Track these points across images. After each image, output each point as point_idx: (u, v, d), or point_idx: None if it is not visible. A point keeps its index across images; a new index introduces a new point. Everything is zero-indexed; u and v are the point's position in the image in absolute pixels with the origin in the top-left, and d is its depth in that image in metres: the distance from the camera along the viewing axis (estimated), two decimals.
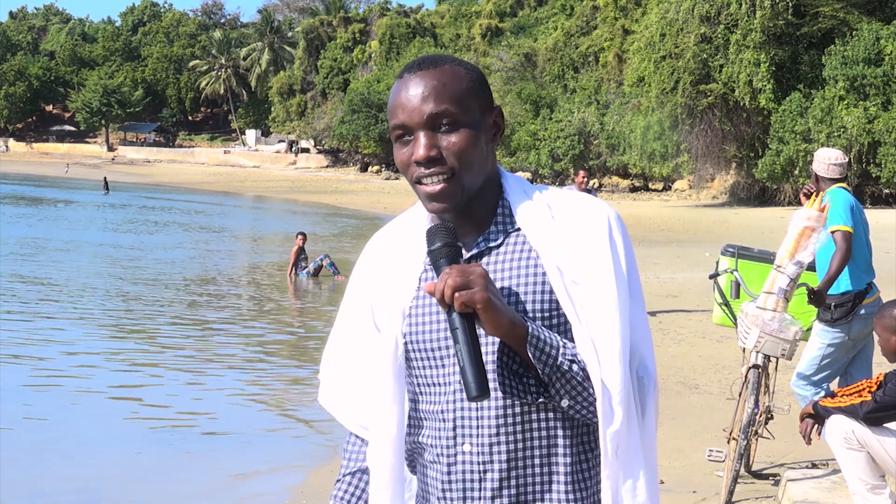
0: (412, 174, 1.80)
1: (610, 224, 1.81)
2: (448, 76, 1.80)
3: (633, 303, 1.80)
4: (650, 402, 1.81)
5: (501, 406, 1.76)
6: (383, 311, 1.87)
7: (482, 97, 1.83)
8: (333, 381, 2.01)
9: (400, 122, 1.80)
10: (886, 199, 34.38)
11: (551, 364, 1.72)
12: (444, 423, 1.80)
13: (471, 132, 1.79)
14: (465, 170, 1.78)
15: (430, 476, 1.84)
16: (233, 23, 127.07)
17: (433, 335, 1.81)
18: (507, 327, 1.70)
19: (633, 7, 50.33)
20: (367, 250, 1.97)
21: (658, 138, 41.49)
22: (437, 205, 1.79)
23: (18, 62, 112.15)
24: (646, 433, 1.80)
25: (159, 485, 6.87)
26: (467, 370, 1.67)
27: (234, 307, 15.84)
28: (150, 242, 26.62)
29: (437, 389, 1.82)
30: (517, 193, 1.86)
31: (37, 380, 10.10)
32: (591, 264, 1.77)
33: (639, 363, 1.81)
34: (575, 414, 1.77)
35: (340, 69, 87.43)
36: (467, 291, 1.66)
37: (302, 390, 9.90)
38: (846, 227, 5.85)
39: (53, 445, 7.78)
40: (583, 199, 1.85)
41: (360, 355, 1.92)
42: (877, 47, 33.47)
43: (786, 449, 6.59)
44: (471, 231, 1.84)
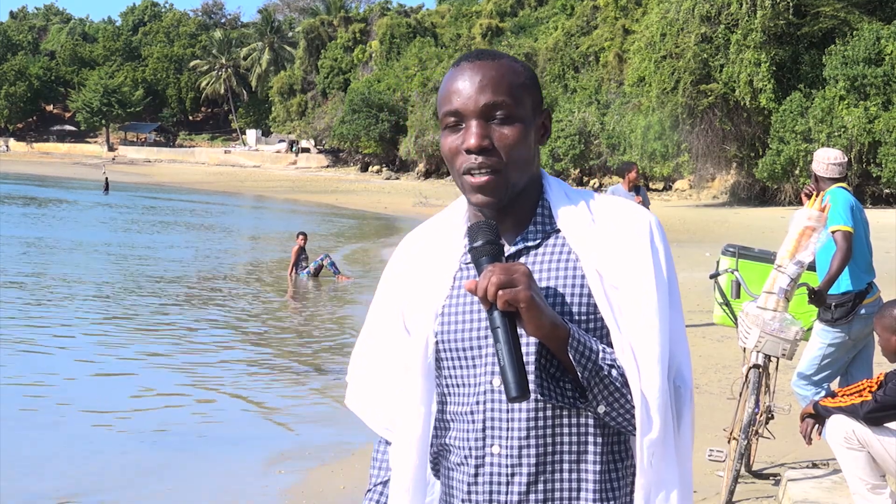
0: (460, 163, 1.78)
1: (652, 230, 1.79)
2: (506, 69, 1.79)
3: (673, 311, 1.78)
4: (686, 412, 1.79)
5: (533, 408, 1.74)
6: (415, 311, 1.85)
7: (535, 96, 1.83)
8: (362, 383, 1.98)
9: (454, 108, 1.77)
10: (886, 199, 34.36)
11: (591, 368, 1.70)
12: (473, 423, 1.78)
13: (523, 127, 1.78)
14: (513, 164, 1.77)
15: (456, 479, 1.82)
16: (233, 23, 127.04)
17: (465, 334, 1.79)
18: (548, 328, 1.68)
19: (633, 7, 50.31)
20: (398, 251, 1.95)
21: (658, 138, 41.47)
22: (483, 197, 1.77)
23: (19, 62, 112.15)
24: (681, 444, 1.78)
25: (157, 486, 6.86)
26: (508, 370, 1.65)
27: (233, 307, 15.83)
28: (150, 242, 26.61)
29: (467, 390, 1.80)
30: (558, 195, 1.85)
31: (29, 378, 10.10)
32: (632, 270, 1.75)
33: (676, 372, 1.78)
34: (611, 421, 1.75)
35: (341, 69, 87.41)
36: (511, 289, 1.64)
37: (302, 390, 9.90)
38: (846, 227, 5.85)
39: (46, 445, 7.77)
40: (624, 205, 1.83)
41: (390, 357, 1.90)
42: (877, 47, 33.46)
43: (786, 449, 6.58)
44: (509, 229, 1.82)
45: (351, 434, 8.14)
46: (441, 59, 69.48)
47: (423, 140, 65.19)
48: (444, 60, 68.43)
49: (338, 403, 9.29)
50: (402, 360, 1.85)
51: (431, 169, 69.02)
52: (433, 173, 68.84)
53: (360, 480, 6.78)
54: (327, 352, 12.09)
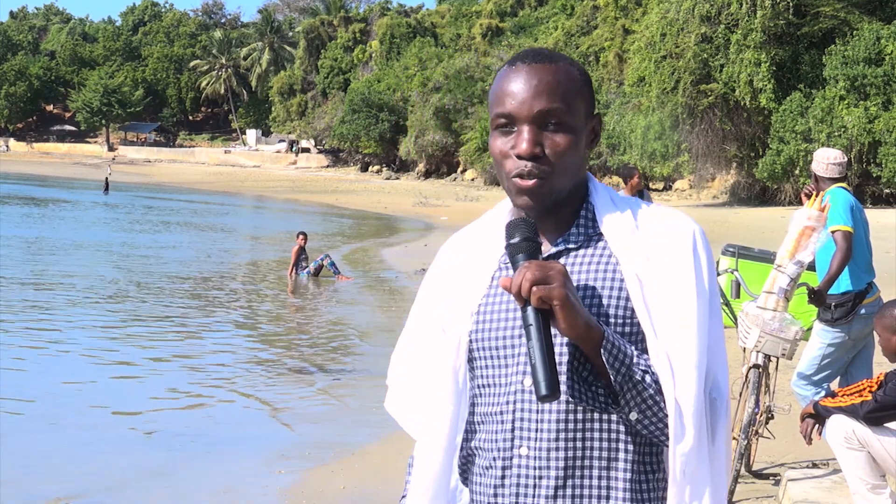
0: (509, 167, 1.76)
1: (695, 239, 1.77)
2: (563, 74, 1.77)
3: (712, 321, 1.75)
4: (721, 424, 1.76)
5: (563, 410, 1.72)
6: (451, 309, 1.83)
7: (588, 102, 1.81)
8: (400, 387, 1.95)
9: (507, 111, 1.76)
10: (886, 198, 34.36)
11: (624, 372, 1.68)
12: (501, 424, 1.76)
13: (574, 135, 1.76)
14: (561, 172, 1.75)
15: (483, 483, 1.79)
16: (233, 23, 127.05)
17: (499, 333, 1.77)
18: (582, 328, 1.65)
19: (633, 7, 50.31)
20: (441, 252, 1.94)
21: (658, 138, 41.47)
22: (528, 200, 1.76)
23: (19, 62, 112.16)
24: (715, 456, 1.75)
25: (157, 486, 6.86)
26: (538, 368, 1.63)
27: (233, 307, 15.82)
28: (151, 242, 26.62)
29: (498, 390, 1.77)
30: (603, 199, 1.83)
31: (29, 379, 10.10)
32: (673, 278, 1.73)
33: (712, 383, 1.75)
34: (643, 429, 1.72)
35: (341, 69, 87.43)
36: (546, 286, 1.63)
37: (302, 390, 9.90)
38: (846, 227, 5.85)
39: (45, 446, 7.77)
40: (669, 213, 1.81)
41: (429, 361, 1.87)
42: (877, 47, 33.45)
43: (786, 449, 6.58)
44: (552, 230, 1.82)
45: (351, 434, 8.14)
46: (441, 59, 69.48)
47: (423, 140, 65.20)
48: (443, 60, 68.44)
49: (338, 403, 9.29)
50: (436, 357, 1.84)
51: (431, 169, 69.03)
52: (433, 173, 68.84)
53: (359, 480, 6.78)
54: (327, 351, 12.09)
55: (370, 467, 7.09)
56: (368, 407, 8.89)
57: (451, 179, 65.66)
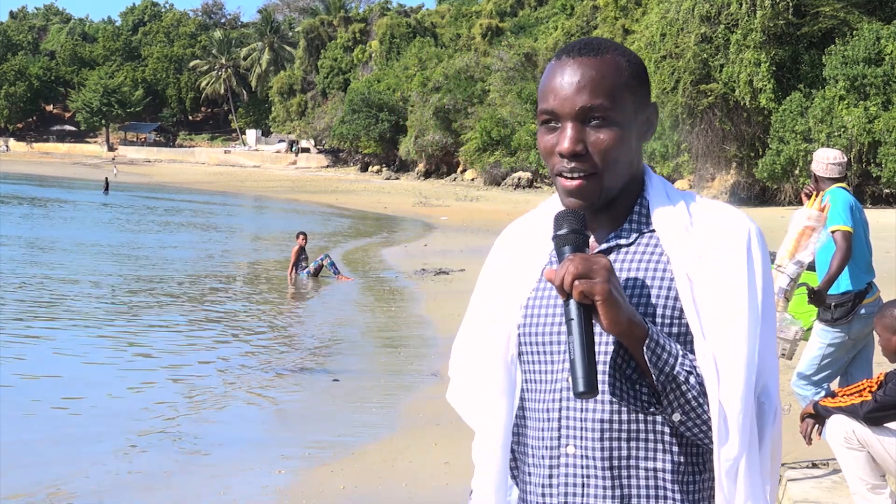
0: (553, 164, 1.74)
1: (750, 239, 1.72)
2: (609, 67, 1.72)
3: (765, 325, 1.70)
4: (768, 430, 1.72)
5: (608, 410, 1.69)
6: (502, 301, 1.81)
7: (639, 93, 1.75)
8: (460, 379, 1.92)
9: (549, 107, 1.72)
10: (886, 198, 34.36)
11: (667, 372, 1.64)
12: (548, 422, 1.74)
13: (621, 130, 1.71)
14: (608, 169, 1.71)
15: (532, 482, 1.78)
16: (233, 23, 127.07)
17: (547, 328, 1.75)
18: (625, 325, 1.62)
19: (633, 7, 50.31)
20: (497, 244, 1.92)
21: (658, 138, 41.48)
22: (574, 201, 1.73)
23: (19, 62, 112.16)
24: (763, 463, 1.71)
25: (157, 486, 6.86)
26: (577, 364, 1.61)
27: (233, 307, 15.83)
28: (151, 242, 26.62)
29: (545, 386, 1.75)
30: (658, 194, 1.79)
31: (28, 379, 10.11)
32: (725, 278, 1.69)
33: (762, 388, 1.71)
34: (686, 431, 1.69)
35: (341, 69, 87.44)
36: (588, 281, 1.60)
37: (301, 390, 9.90)
38: (846, 227, 5.85)
39: (45, 446, 7.77)
40: (725, 210, 1.77)
41: (483, 354, 1.84)
42: (877, 47, 33.46)
43: (786, 449, 6.58)
44: (604, 225, 1.78)
45: (351, 434, 8.14)
46: (441, 59, 69.49)
47: (422, 140, 65.21)
48: (443, 60, 68.45)
49: (338, 403, 9.29)
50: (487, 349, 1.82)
51: (431, 169, 69.03)
52: (433, 173, 68.84)
53: (360, 480, 6.78)
54: (327, 351, 12.08)
55: (370, 467, 7.09)
56: (368, 407, 8.89)
57: (450, 179, 65.68)
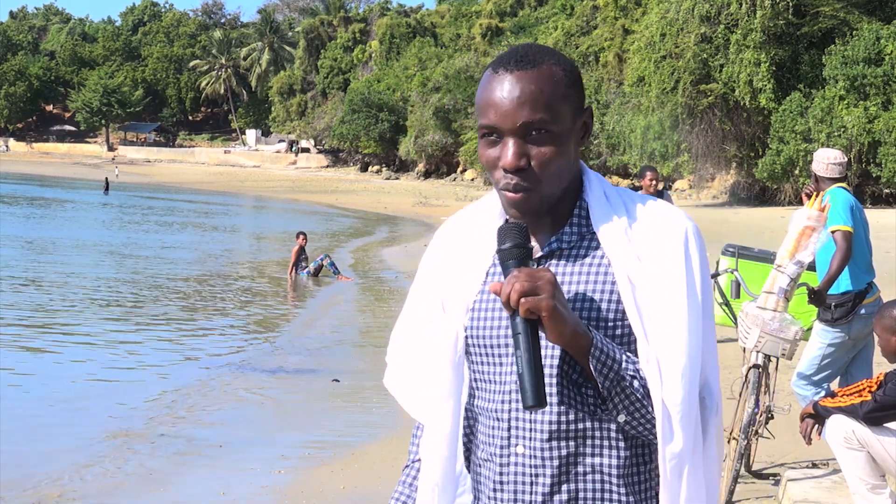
0: (497, 178, 1.76)
1: (687, 238, 1.76)
2: (546, 80, 1.73)
3: (705, 323, 1.74)
4: (711, 425, 1.77)
5: (556, 412, 1.74)
6: (448, 302, 1.84)
7: (576, 100, 1.78)
8: (398, 365, 1.97)
9: (491, 123, 1.74)
10: (886, 198, 34.36)
11: (612, 378, 1.69)
12: (498, 422, 1.78)
13: (561, 141, 1.74)
14: (549, 181, 1.74)
15: (484, 475, 1.83)
16: (233, 23, 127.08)
17: (493, 332, 1.79)
18: (570, 336, 1.66)
19: (633, 7, 50.30)
20: (437, 237, 1.95)
21: (658, 138, 41.48)
22: (517, 213, 1.76)
23: (19, 62, 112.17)
24: (707, 457, 1.76)
25: (157, 486, 6.86)
26: (525, 378, 1.65)
27: (233, 307, 15.83)
28: (151, 242, 26.62)
29: (494, 387, 1.80)
30: (597, 195, 1.81)
31: (28, 379, 10.11)
32: (664, 280, 1.72)
33: (703, 384, 1.75)
34: (631, 430, 1.74)
35: (340, 69, 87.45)
36: (534, 298, 1.63)
37: (301, 390, 9.90)
38: (846, 227, 5.85)
39: (44, 446, 7.77)
40: (663, 210, 1.80)
41: (426, 342, 1.88)
42: (877, 47, 33.45)
43: (786, 449, 6.58)
44: (546, 228, 1.81)
45: (351, 434, 8.14)
46: (441, 59, 69.49)
47: (422, 140, 65.22)
48: (443, 60, 68.46)
49: (337, 403, 9.29)
50: (434, 349, 1.85)
51: (431, 169, 69.05)
52: (433, 173, 68.85)
53: (360, 480, 6.78)
54: (327, 351, 12.08)
55: (370, 467, 7.09)
56: (368, 407, 8.89)
57: (450, 179, 65.69)
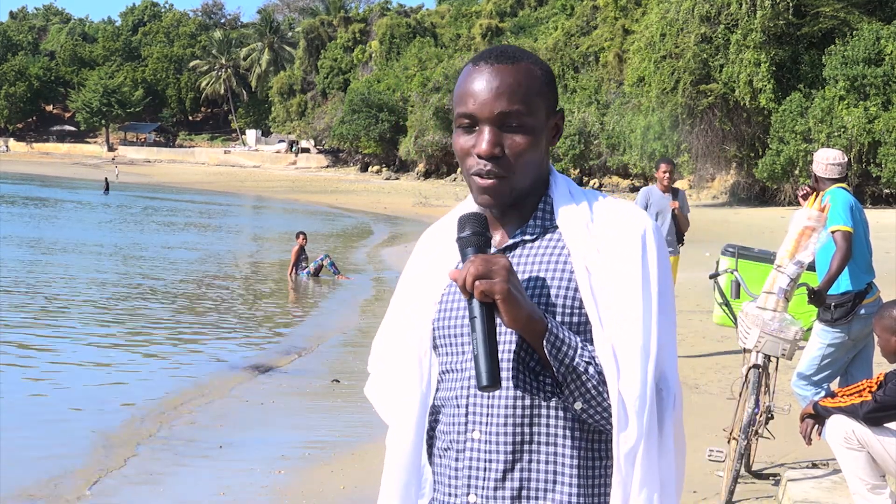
0: (470, 164, 1.82)
1: (645, 234, 1.81)
2: (524, 75, 1.81)
3: (661, 316, 1.79)
4: (668, 416, 1.80)
5: (512, 396, 1.78)
6: (420, 298, 1.91)
7: (550, 99, 1.85)
8: (379, 374, 2.02)
9: (469, 111, 1.80)
10: (886, 199, 34.37)
11: (567, 364, 1.72)
12: (457, 408, 1.83)
13: (534, 135, 1.81)
14: (520, 171, 1.81)
15: (443, 465, 1.86)
16: (233, 23, 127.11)
17: (457, 321, 1.85)
18: (524, 321, 1.71)
19: (633, 7, 50.32)
20: (417, 246, 2.01)
21: (658, 138, 41.49)
22: (487, 198, 1.82)
23: (19, 62, 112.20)
24: (663, 448, 1.79)
25: (157, 486, 6.86)
26: (480, 359, 1.69)
27: (233, 307, 15.83)
28: (151, 242, 26.62)
29: (456, 376, 1.84)
30: (562, 193, 1.88)
31: (29, 379, 10.10)
32: (621, 271, 1.78)
33: (659, 376, 1.79)
34: (588, 419, 1.77)
35: (340, 69, 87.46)
36: (488, 281, 1.69)
37: (301, 390, 9.90)
38: (846, 227, 5.85)
39: (44, 446, 7.78)
40: (623, 208, 1.86)
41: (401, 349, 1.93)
42: (877, 47, 33.46)
43: (786, 449, 6.58)
44: (512, 222, 1.88)
45: (351, 434, 8.14)
46: (441, 59, 69.49)
47: (422, 140, 65.23)
48: (443, 60, 68.45)
49: (337, 403, 9.29)
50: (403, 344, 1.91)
51: (431, 169, 69.05)
52: (433, 173, 68.86)
53: (360, 480, 6.78)
54: (327, 351, 12.08)
55: (370, 467, 7.09)
56: (368, 407, 8.86)
57: (450, 179, 65.69)
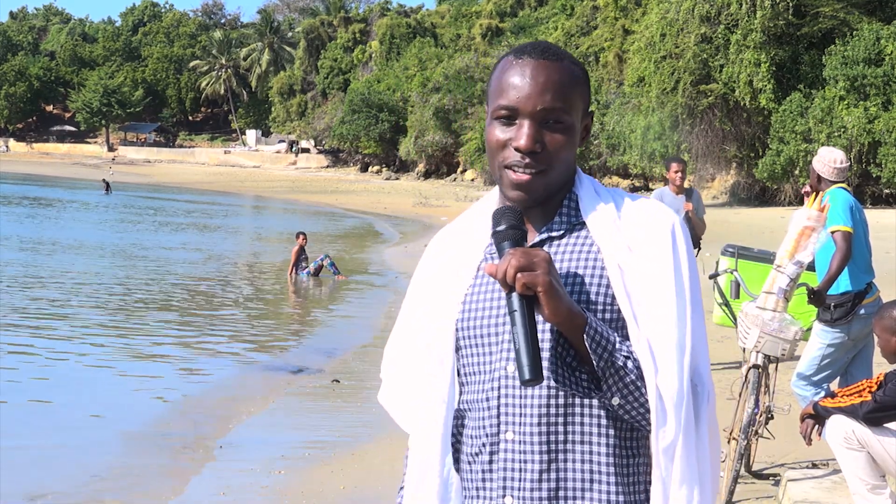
0: (504, 157, 1.80)
1: (674, 230, 1.81)
2: (567, 74, 1.81)
3: (693, 311, 1.78)
4: (703, 411, 1.78)
5: (546, 395, 1.75)
6: (440, 299, 1.87)
7: (586, 100, 1.86)
8: (393, 380, 1.98)
9: (511, 103, 1.79)
10: (886, 199, 34.36)
11: (606, 358, 1.71)
12: (488, 410, 1.80)
13: (571, 134, 1.81)
14: (556, 169, 1.80)
15: (473, 469, 1.83)
16: (233, 23, 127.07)
17: (484, 321, 1.82)
18: (565, 315, 1.69)
19: (633, 7, 50.31)
20: (430, 247, 1.98)
21: (658, 138, 41.47)
22: (521, 194, 1.80)
23: (19, 62, 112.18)
24: (700, 443, 1.77)
25: (157, 486, 6.86)
26: (522, 353, 1.67)
27: (233, 307, 15.83)
28: (151, 242, 26.62)
29: (483, 377, 1.81)
30: (587, 190, 1.88)
31: (30, 379, 10.11)
32: (653, 269, 1.77)
33: (693, 371, 1.78)
34: (625, 414, 1.75)
35: (341, 69, 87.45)
36: (530, 273, 1.67)
37: (301, 390, 9.91)
38: (846, 228, 5.85)
39: (46, 445, 7.78)
40: (649, 206, 1.85)
41: (422, 354, 1.89)
42: (877, 47, 33.45)
43: (786, 449, 6.59)
44: (538, 219, 1.86)
45: (351, 434, 8.15)
46: (441, 59, 69.47)
47: (422, 140, 65.21)
48: (443, 60, 68.43)
49: (338, 403, 9.29)
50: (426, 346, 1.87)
51: (431, 169, 69.03)
52: (433, 173, 68.84)
53: (360, 480, 6.79)
54: (327, 351, 12.09)
55: (370, 467, 7.10)
56: (368, 407, 8.89)
57: (450, 180, 65.69)
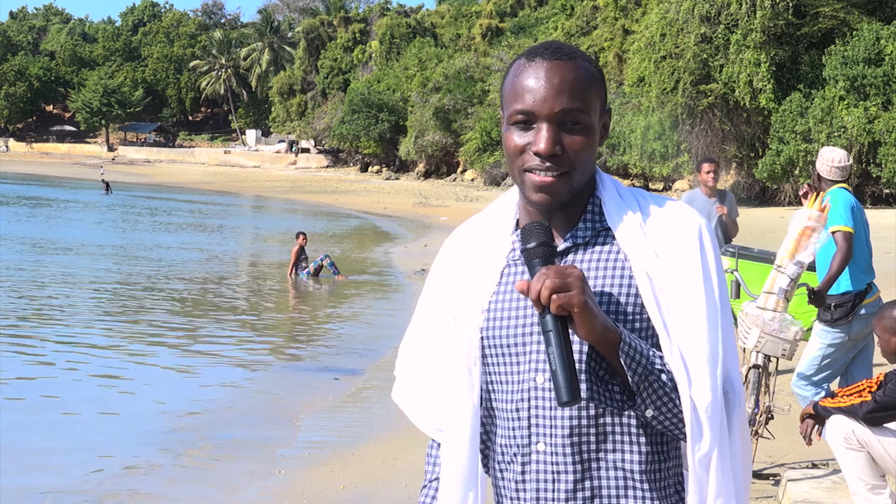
0: (523, 161, 1.76)
1: (701, 235, 1.77)
2: (582, 73, 1.77)
3: (723, 316, 1.75)
4: (735, 416, 1.77)
5: (576, 407, 1.74)
6: (462, 306, 1.84)
7: (603, 99, 1.82)
8: (409, 379, 1.96)
9: (527, 107, 1.75)
10: (886, 199, 34.36)
11: (641, 372, 1.69)
12: (518, 420, 1.78)
13: (591, 134, 1.77)
14: (578, 170, 1.76)
15: (506, 478, 1.82)
16: (233, 23, 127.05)
17: (510, 331, 1.79)
18: (600, 332, 1.66)
19: (633, 7, 50.29)
20: (446, 246, 1.95)
21: (658, 138, 41.47)
22: (544, 197, 1.76)
23: (19, 62, 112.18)
24: (733, 450, 1.76)
25: (157, 486, 6.86)
26: (559, 374, 1.63)
27: (233, 308, 15.83)
28: (151, 243, 26.61)
29: (511, 387, 1.80)
30: (610, 192, 1.83)
31: (32, 379, 10.11)
32: (682, 275, 1.74)
33: (724, 378, 1.75)
34: (658, 425, 1.74)
35: (341, 69, 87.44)
36: (565, 294, 1.62)
37: (301, 390, 9.90)
38: (847, 228, 5.86)
39: (47, 445, 7.78)
40: (674, 208, 1.81)
41: (438, 353, 1.87)
42: (877, 47, 33.45)
43: (786, 449, 6.59)
44: (561, 225, 1.82)
45: (351, 434, 8.14)
46: (441, 59, 69.47)
47: (422, 140, 65.18)
48: (443, 60, 68.43)
49: (338, 403, 9.29)
50: (449, 353, 1.84)
51: (431, 169, 69.01)
52: (433, 173, 68.83)
53: (360, 480, 6.78)
54: (326, 351, 12.08)
55: (370, 467, 7.10)
56: (368, 407, 8.90)
57: (450, 180, 65.67)
